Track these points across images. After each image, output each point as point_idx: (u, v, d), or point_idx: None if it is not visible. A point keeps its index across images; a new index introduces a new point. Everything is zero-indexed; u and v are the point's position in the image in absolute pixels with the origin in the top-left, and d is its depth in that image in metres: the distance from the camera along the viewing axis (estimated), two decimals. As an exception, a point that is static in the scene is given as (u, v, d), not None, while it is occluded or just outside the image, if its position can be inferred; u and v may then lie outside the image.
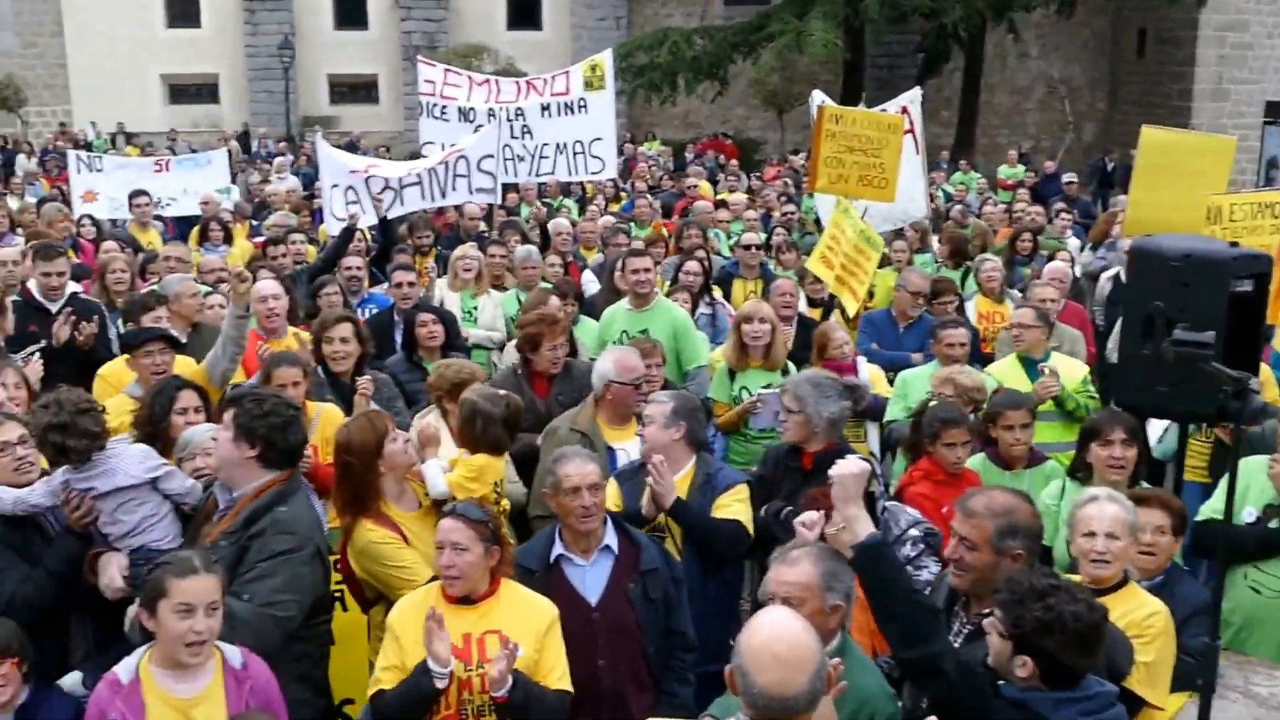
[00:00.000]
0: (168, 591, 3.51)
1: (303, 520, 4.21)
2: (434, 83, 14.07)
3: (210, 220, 11.92)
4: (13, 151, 27.71)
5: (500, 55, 32.48)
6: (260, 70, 34.48)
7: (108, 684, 3.60)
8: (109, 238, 10.80)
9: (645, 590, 4.41)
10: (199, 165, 14.52)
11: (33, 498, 4.46)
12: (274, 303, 6.78)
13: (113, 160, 14.67)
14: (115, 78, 33.68)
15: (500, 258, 9.72)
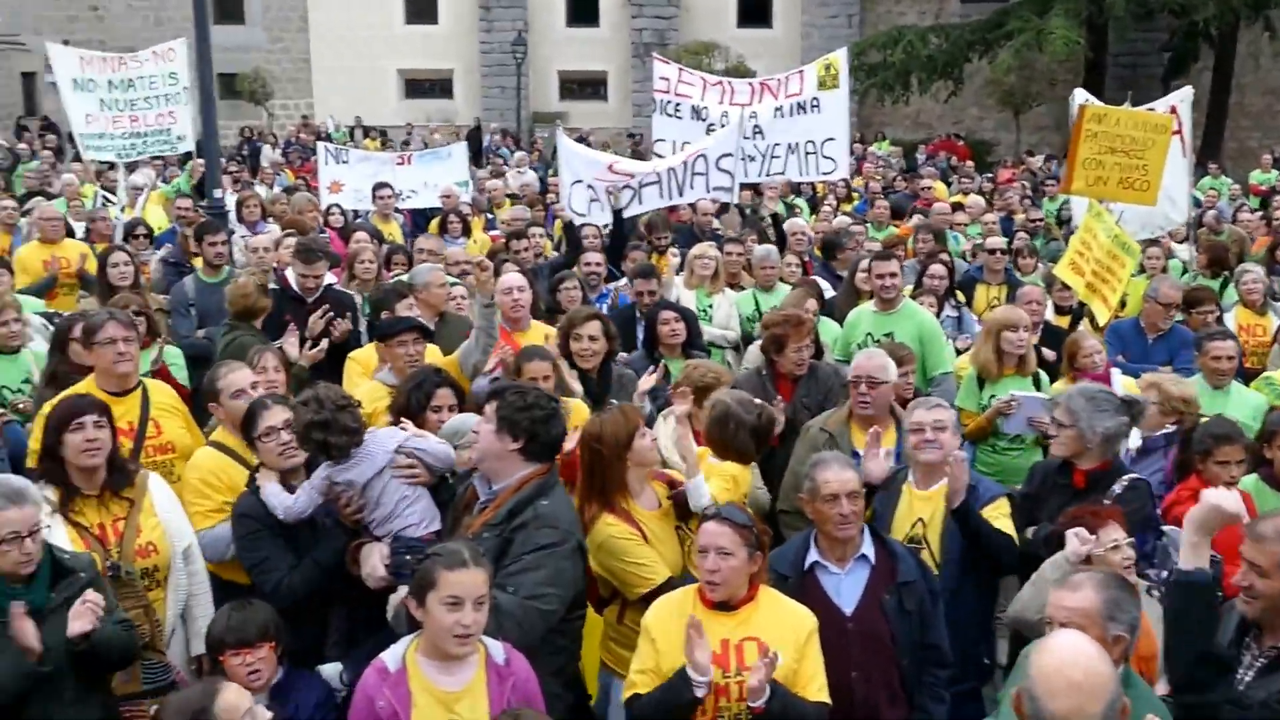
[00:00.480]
0: (437, 583, 3.62)
1: (564, 514, 4.34)
2: (668, 80, 14.26)
3: (450, 213, 12.45)
4: (258, 143, 29.71)
5: (730, 53, 32.71)
6: (494, 66, 35.79)
7: (376, 671, 3.75)
8: (356, 228, 11.43)
9: (901, 602, 4.36)
10: (439, 159, 15.13)
11: (298, 505, 4.72)
12: (519, 295, 6.99)
13: (357, 153, 15.47)
14: (355, 73, 35.65)
15: (737, 256, 9.78)
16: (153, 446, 5.62)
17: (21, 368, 7.06)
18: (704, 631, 3.89)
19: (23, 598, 4.02)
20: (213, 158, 12.96)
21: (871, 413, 5.73)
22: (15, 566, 4.00)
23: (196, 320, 8.62)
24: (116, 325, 5.62)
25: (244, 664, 4.15)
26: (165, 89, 13.65)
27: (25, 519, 4.00)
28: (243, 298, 7.38)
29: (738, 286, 9.48)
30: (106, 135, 13.64)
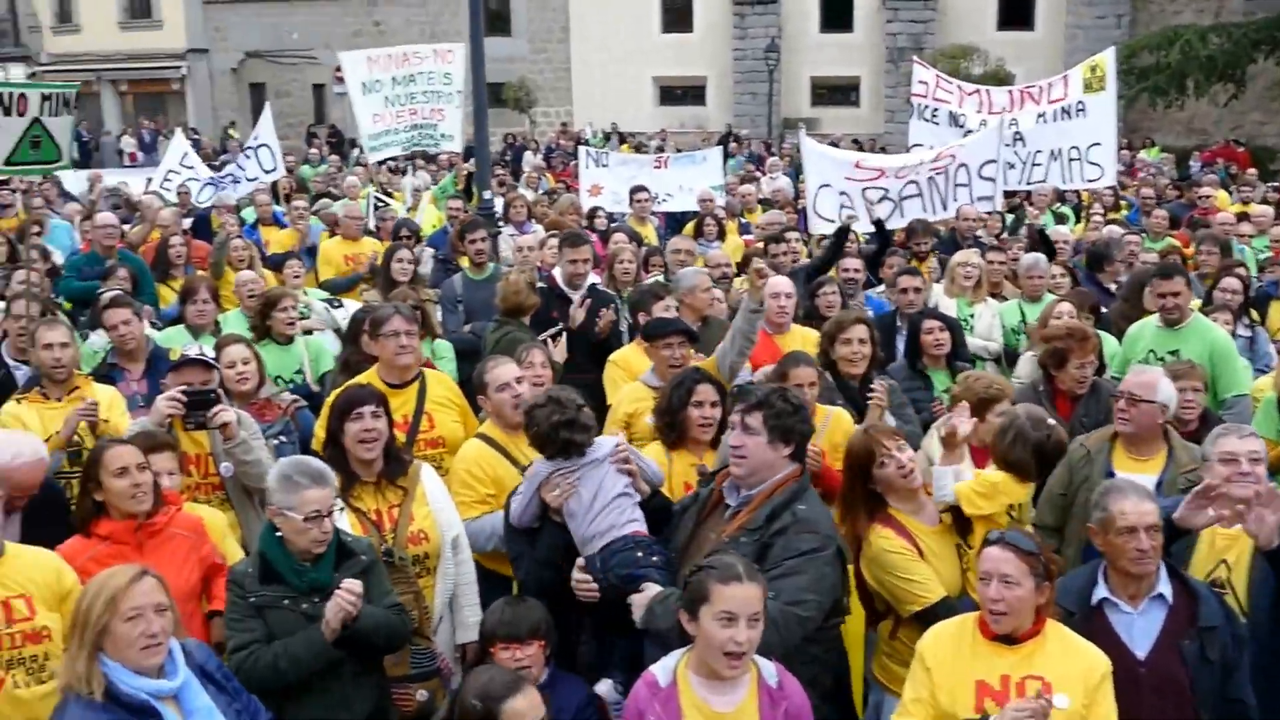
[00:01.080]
0: (710, 597, 3.48)
1: (823, 519, 4.22)
2: (926, 84, 13.83)
3: (705, 216, 12.40)
4: (520, 148, 30.75)
5: (989, 56, 31.53)
6: (746, 73, 35.80)
7: (646, 684, 3.65)
8: (614, 230, 11.54)
9: (1202, 648, 3.92)
10: (694, 163, 15.14)
11: (526, 517, 4.70)
12: (785, 300, 6.85)
13: (616, 156, 15.69)
14: (612, 81, 36.40)
15: (999, 264, 9.30)
16: (425, 440, 5.76)
17: (295, 357, 7.39)
18: (980, 662, 3.65)
19: (310, 576, 4.15)
20: (484, 161, 13.40)
21: (1132, 430, 5.25)
22: (312, 545, 4.13)
23: (464, 315, 8.87)
24: (400, 319, 5.79)
25: (513, 658, 4.14)
26: (440, 86, 14.35)
27: (324, 499, 4.15)
28: (514, 294, 7.52)
29: (999, 296, 9.01)
30: (390, 131, 14.41)
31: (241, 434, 5.35)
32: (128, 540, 4.49)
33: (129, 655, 3.45)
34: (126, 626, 3.43)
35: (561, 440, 4.60)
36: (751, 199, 15.29)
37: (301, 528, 4.10)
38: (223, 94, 40.59)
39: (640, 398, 6.00)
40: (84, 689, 3.39)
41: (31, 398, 5.99)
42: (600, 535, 4.50)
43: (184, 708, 3.54)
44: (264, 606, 4.14)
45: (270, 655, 4.06)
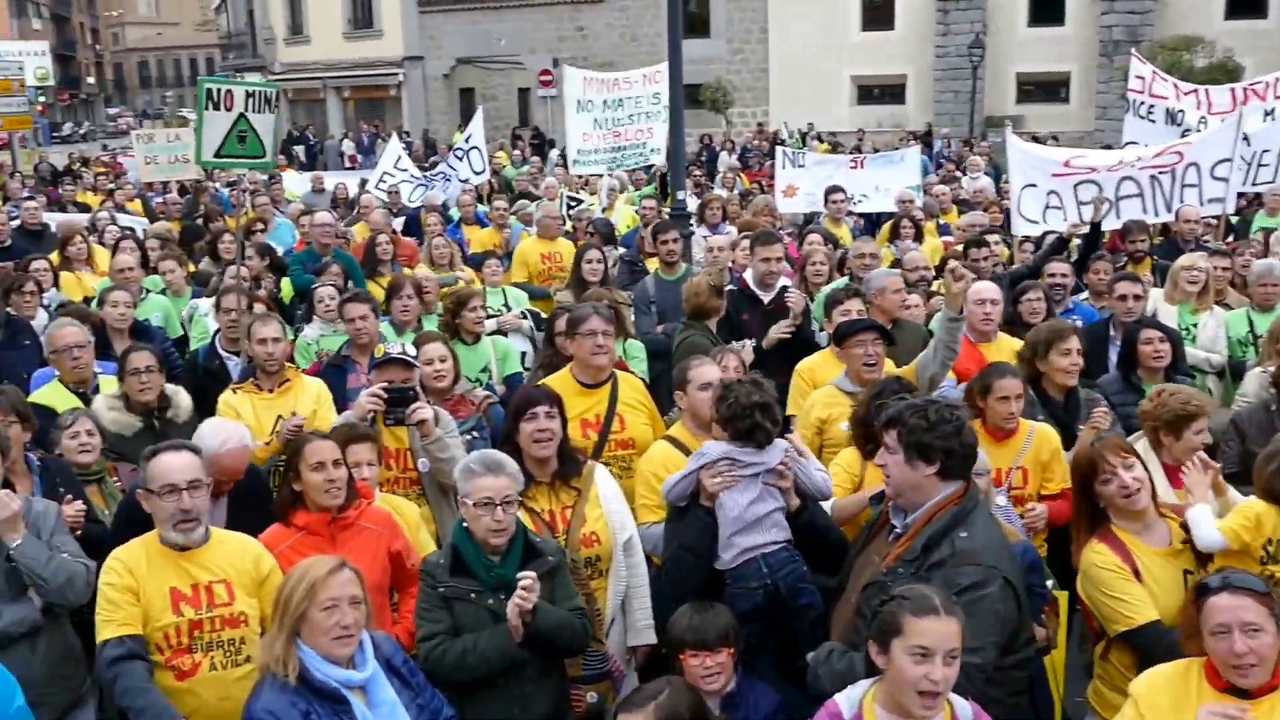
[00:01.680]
0: (904, 629, 3.24)
1: (989, 547, 3.78)
2: (1144, 80, 13.07)
3: (903, 218, 11.99)
4: (715, 149, 30.69)
5: (1216, 47, 29.48)
6: (948, 70, 34.78)
7: (829, 714, 3.42)
8: (808, 231, 11.29)
9: None
10: (891, 163, 14.67)
11: (674, 493, 4.63)
12: (991, 307, 6.51)
13: (813, 157, 15.35)
14: (810, 80, 35.96)
15: (1223, 270, 8.58)
16: (616, 441, 5.71)
17: (481, 357, 7.46)
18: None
19: (496, 572, 4.15)
20: (679, 162, 13.34)
21: None
22: (486, 534, 4.14)
23: (656, 316, 8.81)
24: (598, 319, 5.76)
25: (701, 665, 4.04)
26: (648, 107, 14.56)
27: (497, 488, 4.15)
28: (694, 296, 7.37)
29: (1223, 304, 8.31)
30: (597, 150, 14.71)
31: (437, 431, 5.43)
32: (321, 532, 4.58)
33: (323, 644, 3.52)
34: (322, 615, 3.51)
35: (751, 422, 4.48)
36: (947, 199, 14.75)
37: (473, 514, 4.15)
38: (435, 98, 42.10)
39: (834, 403, 5.79)
40: (280, 671, 3.48)
41: (245, 388, 6.24)
42: (752, 540, 4.44)
43: (371, 699, 3.59)
44: (451, 598, 4.18)
45: (459, 648, 4.09)
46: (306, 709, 3.45)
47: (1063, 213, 10.22)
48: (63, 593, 4.36)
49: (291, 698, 3.46)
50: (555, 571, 4.27)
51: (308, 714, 3.44)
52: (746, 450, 4.50)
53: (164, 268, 9.81)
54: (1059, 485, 5.29)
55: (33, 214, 13.26)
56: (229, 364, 7.52)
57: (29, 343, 7.96)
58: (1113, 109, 30.36)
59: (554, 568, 4.26)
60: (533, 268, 10.75)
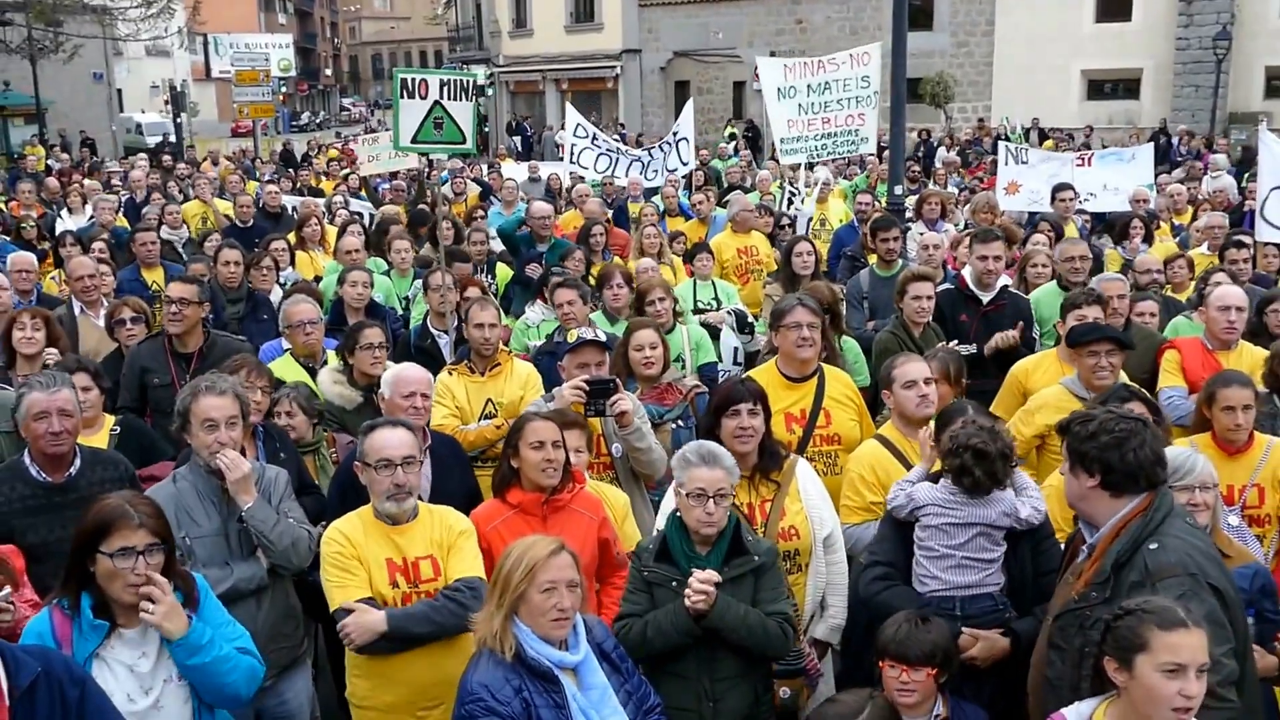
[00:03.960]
0: (1150, 645, 3.07)
1: (1188, 554, 3.46)
2: None
3: (1134, 218, 11.33)
4: (934, 145, 29.84)
5: None
6: (1190, 64, 32.71)
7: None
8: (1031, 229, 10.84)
9: None
10: (1122, 160, 13.92)
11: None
12: (1235, 315, 6.14)
13: (1037, 154, 14.70)
14: (1035, 74, 34.45)
15: None
16: (821, 435, 5.62)
17: (674, 346, 7.34)
18: None
19: (696, 562, 4.17)
20: (897, 156, 13.04)
21: None
22: (696, 524, 4.18)
23: (868, 312, 8.62)
24: (804, 310, 5.68)
25: (898, 680, 3.90)
26: (857, 91, 14.01)
27: (713, 480, 4.17)
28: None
29: None
30: (802, 138, 14.32)
31: (636, 421, 5.47)
32: (534, 512, 4.67)
33: (540, 624, 3.58)
34: (541, 597, 3.56)
35: (960, 464, 4.29)
36: (1183, 199, 13.86)
37: (686, 504, 4.19)
38: (650, 91, 42.53)
39: (1064, 406, 5.44)
40: (497, 647, 3.55)
41: (460, 370, 6.41)
42: (957, 579, 4.29)
43: (582, 682, 3.64)
44: (654, 583, 4.22)
45: (642, 624, 4.16)
46: (519, 685, 3.52)
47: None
48: (288, 555, 4.56)
49: (506, 673, 3.53)
50: (761, 572, 4.22)
51: (520, 690, 3.51)
52: (958, 498, 4.32)
53: (397, 246, 10.23)
54: None
55: (274, 196, 14.09)
56: (440, 341, 7.79)
57: (266, 317, 8.47)
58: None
59: (760, 567, 4.22)
60: (728, 262, 10.67)
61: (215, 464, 4.54)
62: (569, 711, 3.52)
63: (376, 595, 4.30)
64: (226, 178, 18.09)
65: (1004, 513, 4.28)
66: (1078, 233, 11.69)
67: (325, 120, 75.24)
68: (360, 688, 4.47)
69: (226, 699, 3.74)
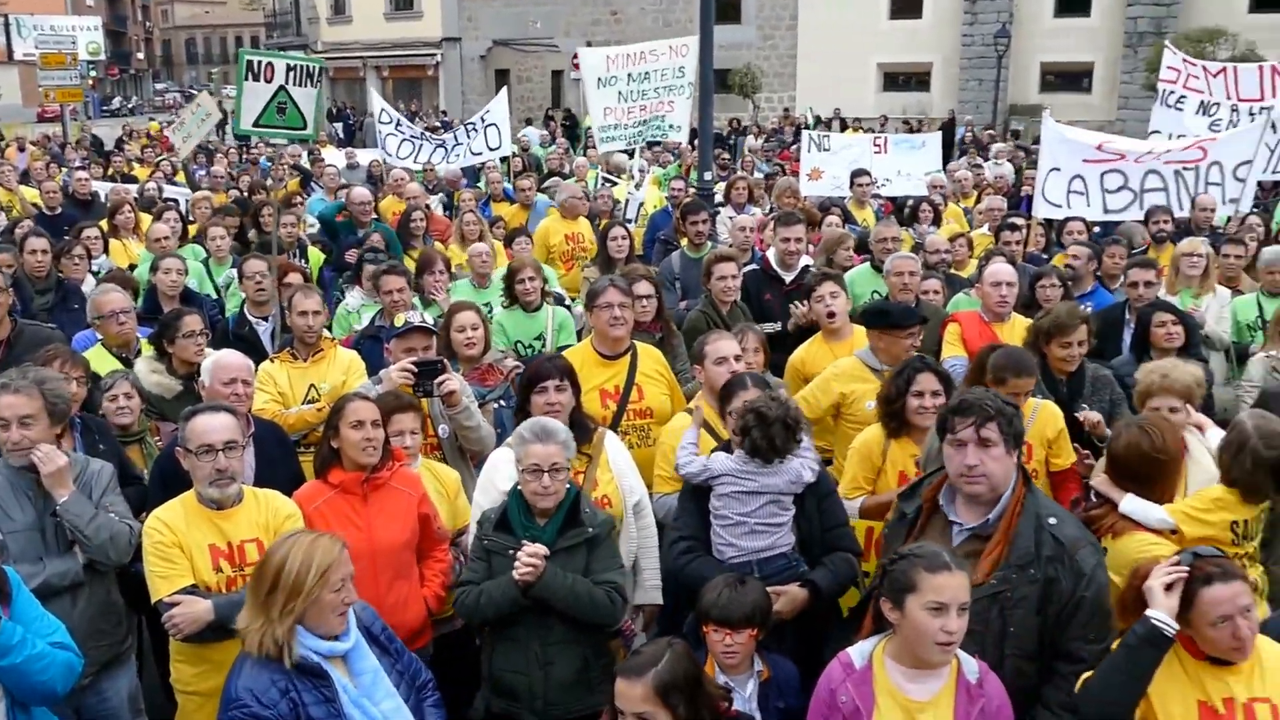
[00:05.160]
0: (919, 586, 3.27)
1: (1077, 526, 3.78)
2: (1177, 71, 12.83)
3: (923, 201, 11.91)
4: (740, 133, 30.56)
5: (1239, 41, 29.06)
6: (974, 59, 34.49)
7: (841, 665, 3.48)
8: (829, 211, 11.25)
9: None
10: (914, 148, 14.60)
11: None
12: (1006, 290, 6.49)
13: (839, 140, 15.24)
14: (837, 67, 35.68)
15: (1236, 258, 8.52)
16: (634, 410, 5.74)
17: (538, 325, 7.45)
18: None
19: (531, 533, 4.24)
20: (707, 143, 13.30)
21: None
22: (534, 497, 4.25)
23: (680, 293, 8.81)
24: (616, 291, 5.78)
25: (722, 642, 3.98)
26: (672, 80, 14.27)
27: (547, 455, 4.24)
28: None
29: (1237, 291, 8.24)
30: (620, 126, 14.46)
31: (465, 401, 5.47)
32: (355, 491, 4.63)
33: (329, 621, 3.47)
34: (333, 596, 3.45)
35: (743, 425, 4.49)
36: (969, 184, 14.65)
37: (524, 479, 4.26)
38: (471, 79, 42.04)
39: (859, 378, 5.74)
40: (277, 653, 3.38)
41: (282, 358, 6.26)
42: (751, 544, 4.44)
43: (352, 669, 3.56)
44: (493, 551, 4.29)
45: (476, 592, 4.23)
46: (286, 686, 3.39)
47: (1086, 198, 10.13)
48: (105, 550, 4.41)
49: (272, 675, 3.39)
50: (595, 543, 4.31)
51: (287, 691, 3.39)
52: (750, 468, 4.48)
53: (213, 233, 9.88)
54: (1066, 460, 5.29)
55: (83, 183, 13.38)
56: (259, 329, 7.58)
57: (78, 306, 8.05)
58: (1135, 99, 30.03)
59: (593, 539, 4.30)
60: (556, 248, 10.72)
61: (15, 462, 4.37)
62: (339, 704, 3.43)
63: (200, 582, 4.21)
64: (33, 164, 17.07)
65: (791, 481, 4.47)
66: (874, 217, 12.22)
67: (139, 105, 71.36)
68: (184, 673, 4.37)
69: (41, 697, 3.59)
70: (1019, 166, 18.07)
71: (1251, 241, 9.05)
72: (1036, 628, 3.60)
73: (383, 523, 4.60)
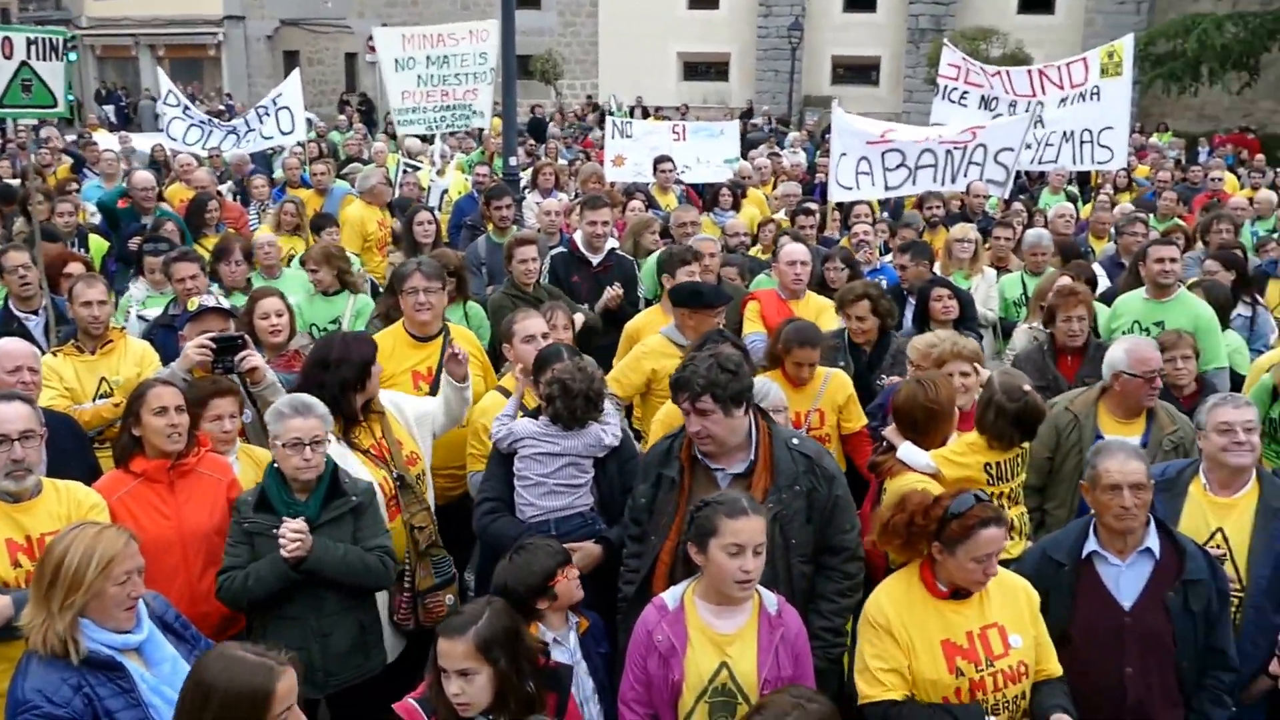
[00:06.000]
0: (719, 530, 3.61)
1: (816, 445, 4.47)
2: (958, 68, 13.72)
3: (722, 187, 12.42)
4: (543, 120, 30.69)
5: (1009, 39, 31.26)
6: (769, 50, 35.65)
7: (655, 607, 3.80)
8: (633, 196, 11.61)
9: (1186, 600, 3.98)
10: (712, 135, 15.08)
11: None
12: (800, 269, 6.97)
13: (641, 127, 15.60)
14: (638, 55, 36.26)
15: (1005, 240, 9.35)
16: (449, 392, 5.84)
17: (336, 309, 7.48)
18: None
19: (295, 509, 4.32)
20: (511, 129, 13.42)
21: (1150, 405, 5.34)
22: (295, 471, 4.32)
23: (487, 278, 8.95)
24: (420, 276, 5.88)
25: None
26: (474, 67, 14.24)
27: (307, 429, 4.32)
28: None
29: (1006, 271, 9.04)
30: (419, 109, 14.34)
31: (269, 377, 5.44)
32: (160, 478, 4.59)
33: (115, 615, 3.43)
34: (117, 589, 3.41)
35: (549, 395, 4.74)
36: (767, 171, 15.30)
37: (283, 454, 4.31)
38: (257, 60, 40.61)
39: (666, 353, 6.03)
40: (63, 649, 3.33)
41: (67, 351, 6.02)
42: (549, 504, 4.69)
43: (149, 659, 3.53)
44: (254, 533, 4.33)
45: (244, 575, 4.26)
46: (79, 682, 3.32)
47: (871, 178, 10.82)
48: None
49: (62, 673, 3.31)
50: (360, 511, 4.43)
51: (80, 687, 3.32)
52: (550, 431, 4.73)
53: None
54: (856, 424, 5.78)
55: None
56: (29, 324, 7.16)
57: None
58: (919, 92, 31.77)
59: (358, 507, 4.42)
60: (371, 235, 10.68)
61: None
62: (138, 693, 3.40)
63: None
64: None
65: (590, 445, 4.76)
66: (676, 202, 12.66)
67: None
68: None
69: None
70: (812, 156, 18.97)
71: (1018, 225, 9.92)
72: (810, 535, 4.12)
73: (191, 510, 4.58)
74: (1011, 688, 3.72)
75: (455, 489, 5.78)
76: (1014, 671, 3.73)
